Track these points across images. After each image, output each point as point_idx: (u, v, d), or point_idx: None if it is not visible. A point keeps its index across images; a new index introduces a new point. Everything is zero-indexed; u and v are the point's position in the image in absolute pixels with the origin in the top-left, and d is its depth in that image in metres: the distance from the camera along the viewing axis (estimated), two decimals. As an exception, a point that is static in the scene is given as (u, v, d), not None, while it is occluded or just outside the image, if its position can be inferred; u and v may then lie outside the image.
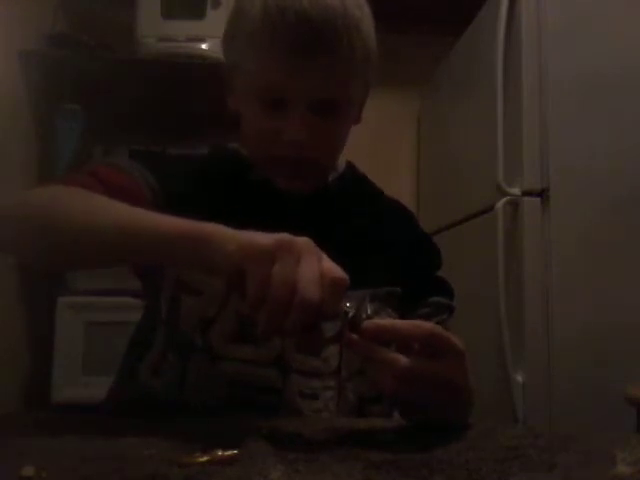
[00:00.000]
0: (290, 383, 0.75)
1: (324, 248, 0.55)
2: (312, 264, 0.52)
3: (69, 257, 0.68)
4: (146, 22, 1.87)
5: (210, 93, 1.56)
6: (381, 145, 2.47)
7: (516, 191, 1.60)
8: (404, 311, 0.82)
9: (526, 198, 1.60)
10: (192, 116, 2.02)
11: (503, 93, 1.66)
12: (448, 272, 0.91)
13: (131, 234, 0.61)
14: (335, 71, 0.72)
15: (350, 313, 0.55)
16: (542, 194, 1.59)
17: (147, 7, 1.87)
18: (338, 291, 0.53)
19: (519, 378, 1.54)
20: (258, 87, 0.74)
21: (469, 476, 0.43)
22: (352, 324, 0.54)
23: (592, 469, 0.44)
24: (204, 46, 1.84)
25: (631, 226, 1.59)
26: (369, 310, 0.56)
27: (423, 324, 0.57)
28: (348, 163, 0.91)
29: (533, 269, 1.56)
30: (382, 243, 0.84)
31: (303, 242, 0.54)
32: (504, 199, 1.61)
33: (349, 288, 0.78)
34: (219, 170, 0.84)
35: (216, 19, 1.83)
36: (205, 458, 0.45)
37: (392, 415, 0.80)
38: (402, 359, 0.54)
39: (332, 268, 0.53)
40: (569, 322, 1.54)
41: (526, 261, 1.56)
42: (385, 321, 0.57)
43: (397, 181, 2.47)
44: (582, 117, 1.61)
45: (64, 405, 1.63)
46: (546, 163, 1.59)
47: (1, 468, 0.43)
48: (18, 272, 1.74)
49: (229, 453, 0.46)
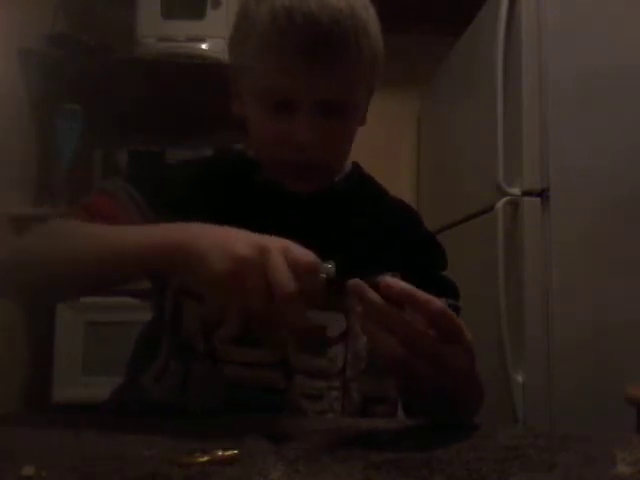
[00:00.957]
0: (294, 384, 0.75)
1: (328, 248, 0.56)
2: (279, 260, 0.53)
3: (62, 289, 0.73)
4: (146, 22, 1.87)
5: (210, 93, 1.56)
6: (381, 145, 2.47)
7: (516, 191, 1.60)
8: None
9: (526, 198, 1.60)
10: (192, 116, 2.02)
11: (503, 93, 1.66)
12: (448, 272, 0.90)
13: (112, 257, 0.64)
14: (343, 73, 0.72)
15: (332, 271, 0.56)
16: (542, 194, 1.59)
17: (147, 7, 1.87)
18: (311, 274, 0.55)
19: (519, 378, 1.54)
20: (265, 89, 0.74)
21: (469, 476, 0.43)
22: (370, 283, 0.53)
23: (592, 469, 0.44)
24: (204, 46, 1.84)
25: (631, 226, 1.59)
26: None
27: (437, 300, 0.53)
28: (354, 164, 0.91)
29: (533, 269, 1.56)
30: (386, 243, 0.84)
31: (278, 244, 0.55)
32: (504, 199, 1.61)
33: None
34: (223, 172, 0.84)
35: (216, 19, 1.84)
36: (205, 458, 0.45)
37: (396, 415, 0.80)
38: (416, 325, 0.52)
39: (301, 255, 0.55)
40: (569, 322, 1.54)
41: (526, 261, 1.56)
42: (403, 283, 0.54)
43: (397, 181, 2.46)
44: (582, 117, 1.61)
45: (64, 405, 1.63)
46: (546, 163, 1.59)
47: (1, 468, 0.43)
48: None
49: (229, 453, 0.46)
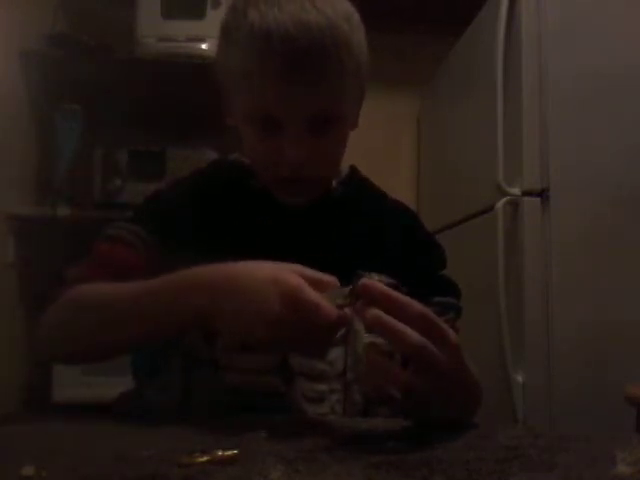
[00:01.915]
0: (294, 387, 0.75)
1: (326, 255, 0.56)
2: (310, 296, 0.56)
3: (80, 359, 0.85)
4: (146, 22, 1.87)
5: (210, 93, 1.56)
6: (381, 145, 2.47)
7: (516, 191, 1.60)
8: None
9: (526, 198, 1.60)
10: (192, 116, 2.02)
11: (503, 93, 1.66)
12: (448, 272, 0.90)
13: (132, 327, 0.67)
14: (326, 89, 0.72)
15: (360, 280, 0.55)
16: (542, 194, 1.59)
17: (147, 7, 1.87)
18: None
19: (519, 378, 1.54)
20: (251, 110, 0.74)
21: (469, 476, 0.43)
22: (355, 286, 0.55)
23: (592, 469, 0.44)
24: (204, 46, 1.84)
25: (631, 226, 1.59)
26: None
27: (417, 303, 0.54)
28: (351, 167, 0.91)
29: (533, 269, 1.56)
30: (385, 245, 0.84)
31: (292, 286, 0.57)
32: (504, 199, 1.61)
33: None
34: (218, 182, 0.84)
35: (216, 19, 1.82)
36: (205, 458, 0.45)
37: (397, 416, 0.80)
38: (410, 332, 0.52)
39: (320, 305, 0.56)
40: (569, 322, 1.54)
41: (526, 261, 1.56)
42: (384, 286, 0.55)
43: (397, 181, 2.47)
44: (582, 117, 1.61)
45: (64, 405, 1.63)
46: (546, 163, 1.59)
47: (1, 468, 0.43)
48: (18, 272, 1.75)
49: (229, 453, 0.46)
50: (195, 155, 1.87)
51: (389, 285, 0.55)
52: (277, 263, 0.61)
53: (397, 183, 2.39)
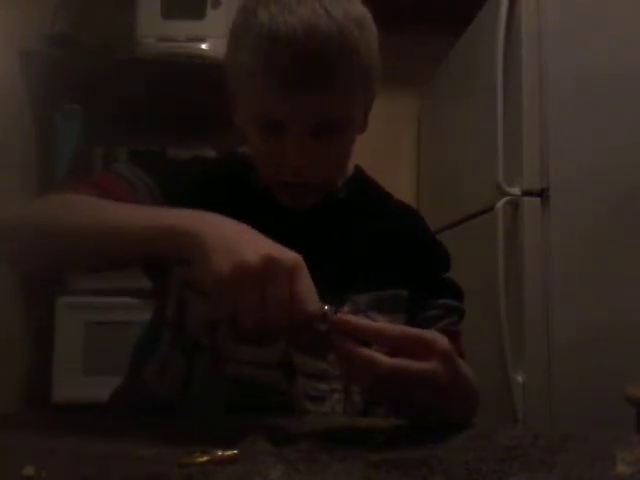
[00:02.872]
0: (296, 385, 0.75)
1: (330, 256, 0.56)
2: (282, 291, 0.53)
3: (63, 261, 0.71)
4: (146, 22, 1.87)
5: (210, 93, 1.56)
6: (381, 145, 2.47)
7: (516, 191, 1.60)
8: (413, 314, 0.81)
9: (526, 198, 1.60)
10: (192, 116, 2.02)
11: (503, 93, 1.66)
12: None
13: (118, 233, 0.63)
14: (332, 96, 0.70)
15: (328, 312, 0.55)
16: (542, 194, 1.59)
17: (147, 7, 1.87)
18: (304, 321, 0.54)
19: (519, 378, 1.54)
20: (257, 114, 0.73)
21: (469, 476, 0.43)
22: (324, 319, 0.55)
23: (592, 469, 0.44)
24: (204, 46, 1.84)
25: (631, 226, 1.59)
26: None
27: (392, 327, 0.56)
28: (356, 167, 0.90)
29: (533, 269, 1.56)
30: (389, 246, 0.84)
31: (288, 261, 0.54)
32: (504, 199, 1.60)
33: (355, 292, 0.78)
34: (225, 175, 0.84)
35: (216, 19, 1.84)
36: (205, 458, 0.45)
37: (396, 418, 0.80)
38: (381, 359, 0.53)
39: (304, 295, 0.54)
40: (569, 322, 1.54)
41: (526, 261, 1.56)
42: (355, 317, 0.56)
43: (397, 181, 2.46)
44: (582, 117, 1.61)
45: (64, 405, 1.63)
46: (546, 163, 1.59)
47: (1, 468, 0.43)
48: (18, 274, 1.74)
49: (229, 453, 0.46)
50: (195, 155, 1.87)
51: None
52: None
53: (397, 183, 2.38)
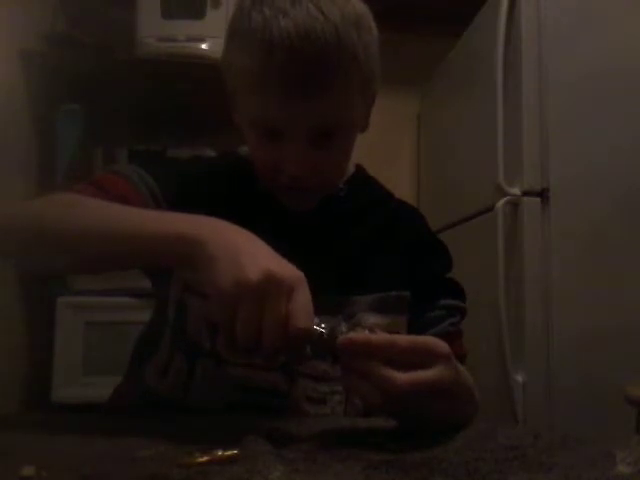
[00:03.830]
0: (296, 387, 0.74)
1: (331, 256, 0.55)
2: (279, 310, 0.52)
3: (63, 262, 0.69)
4: (146, 22, 1.87)
5: (210, 93, 1.56)
6: (381, 145, 2.46)
7: (516, 191, 1.60)
8: (415, 315, 0.81)
9: (526, 198, 1.60)
10: (192, 116, 2.02)
11: (503, 93, 1.66)
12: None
13: (123, 238, 0.62)
14: (330, 102, 0.69)
15: (325, 334, 0.54)
16: (542, 194, 1.59)
17: (147, 7, 1.87)
18: (299, 341, 0.53)
19: (519, 378, 1.54)
20: (254, 119, 0.73)
21: (469, 476, 0.43)
22: (326, 344, 0.54)
23: (592, 469, 0.44)
24: (204, 46, 1.84)
25: (631, 226, 1.59)
26: (344, 329, 0.54)
27: (400, 338, 0.55)
28: (357, 167, 0.90)
29: (533, 269, 1.56)
30: (391, 246, 0.84)
31: (288, 279, 0.53)
32: (504, 199, 1.61)
33: (357, 293, 0.78)
34: (225, 176, 0.83)
35: (216, 19, 1.83)
36: (205, 458, 0.45)
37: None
38: (397, 376, 0.52)
39: (299, 314, 0.52)
40: (569, 322, 1.54)
41: (526, 261, 1.57)
42: (358, 335, 0.54)
43: (397, 181, 2.46)
44: (582, 117, 1.61)
45: (64, 405, 1.63)
46: (546, 163, 1.59)
47: (1, 468, 0.43)
48: (18, 272, 1.74)
49: (229, 453, 0.46)
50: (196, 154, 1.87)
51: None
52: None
53: (397, 183, 2.38)
